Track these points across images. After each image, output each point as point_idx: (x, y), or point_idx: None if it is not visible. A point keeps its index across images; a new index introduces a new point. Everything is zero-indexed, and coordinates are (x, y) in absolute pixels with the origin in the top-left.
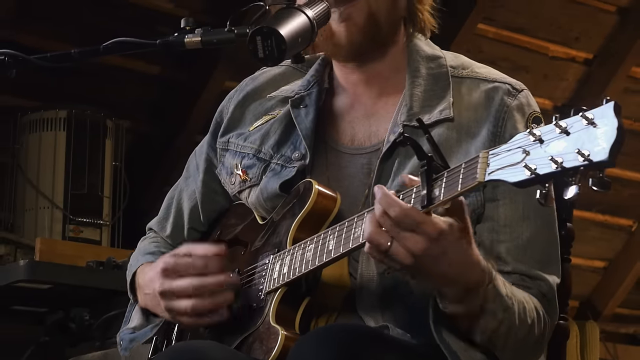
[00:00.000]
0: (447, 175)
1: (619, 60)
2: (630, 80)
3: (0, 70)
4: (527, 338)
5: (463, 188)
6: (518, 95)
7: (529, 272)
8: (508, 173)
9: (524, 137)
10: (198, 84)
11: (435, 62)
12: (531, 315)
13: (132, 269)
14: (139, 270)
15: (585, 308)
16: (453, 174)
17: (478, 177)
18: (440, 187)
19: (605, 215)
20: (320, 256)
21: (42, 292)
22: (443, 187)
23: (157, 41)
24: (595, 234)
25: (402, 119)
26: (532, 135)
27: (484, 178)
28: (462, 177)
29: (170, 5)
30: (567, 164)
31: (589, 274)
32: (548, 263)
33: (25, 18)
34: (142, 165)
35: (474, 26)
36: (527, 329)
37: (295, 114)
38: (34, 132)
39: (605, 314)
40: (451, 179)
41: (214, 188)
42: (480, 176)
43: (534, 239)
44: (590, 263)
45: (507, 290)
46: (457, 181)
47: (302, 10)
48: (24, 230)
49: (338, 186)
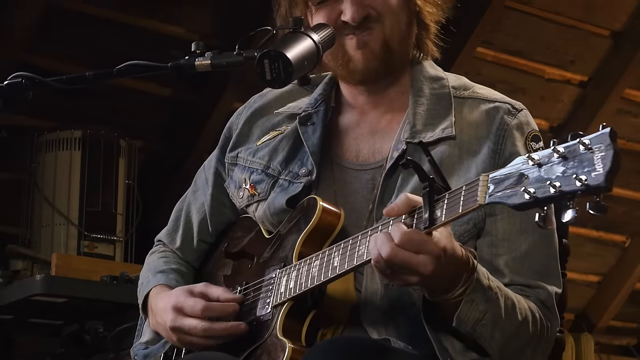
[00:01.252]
0: (449, 197)
1: (612, 82)
2: (623, 102)
3: (17, 92)
4: (517, 335)
5: (464, 210)
6: (518, 114)
7: (527, 282)
8: (508, 196)
9: (523, 161)
10: (208, 105)
11: (438, 83)
12: (523, 314)
13: (144, 289)
14: (152, 293)
15: (580, 321)
16: (454, 196)
17: (479, 200)
18: (442, 208)
19: (600, 232)
20: (325, 272)
21: (58, 305)
22: (445, 208)
23: (169, 64)
24: (589, 250)
25: (405, 136)
26: (531, 160)
27: (485, 201)
28: (463, 199)
29: (182, 29)
30: (565, 188)
31: (584, 288)
32: (546, 274)
33: (43, 42)
34: (154, 183)
35: (473, 49)
36: (517, 326)
37: (303, 130)
38: (50, 152)
39: (600, 326)
40: (452, 200)
41: (222, 201)
42: (480, 199)
43: (532, 252)
44: (585, 278)
45: (492, 284)
46: (458, 203)
47: (308, 34)
48: (40, 246)
49: (344, 202)
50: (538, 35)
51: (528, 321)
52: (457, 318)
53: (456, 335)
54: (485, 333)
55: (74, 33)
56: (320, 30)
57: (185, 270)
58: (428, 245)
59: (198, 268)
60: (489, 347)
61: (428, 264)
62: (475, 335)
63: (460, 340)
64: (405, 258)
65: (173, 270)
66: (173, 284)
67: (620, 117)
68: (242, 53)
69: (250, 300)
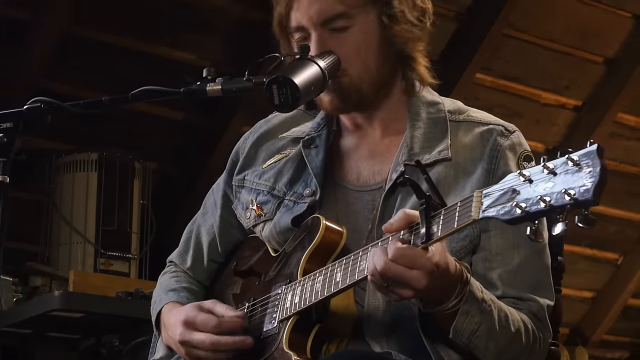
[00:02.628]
0: (445, 213)
1: (605, 107)
2: (616, 126)
3: (37, 116)
4: (511, 346)
5: (459, 225)
6: (510, 135)
7: (519, 295)
8: (500, 211)
9: (514, 177)
10: (218, 129)
11: (435, 107)
12: (515, 325)
13: (157, 306)
14: (164, 310)
15: (574, 335)
16: (449, 211)
17: (473, 215)
18: (438, 224)
19: (593, 250)
20: (328, 287)
21: (76, 320)
22: (441, 224)
23: (181, 89)
24: (584, 267)
25: (403, 158)
26: (522, 176)
27: (478, 216)
28: (458, 215)
29: (193, 56)
30: (555, 202)
31: (578, 304)
32: (538, 287)
33: (61, 68)
34: (167, 203)
35: (473, 75)
36: (511, 337)
37: (307, 153)
38: (68, 173)
39: (593, 340)
40: (448, 216)
41: (230, 222)
42: (474, 214)
43: (524, 265)
44: (579, 293)
45: (485, 296)
46: (453, 218)
47: (314, 61)
48: (58, 263)
49: (346, 221)
50: (534, 62)
51: (521, 332)
52: (454, 329)
53: (452, 346)
54: (480, 344)
55: (91, 60)
56: (326, 56)
57: (196, 288)
58: (421, 260)
59: (208, 286)
60: (483, 358)
61: (421, 279)
62: (471, 346)
63: (456, 352)
64: (399, 272)
65: (184, 288)
66: (184, 301)
67: (613, 140)
68: (252, 79)
69: (257, 315)
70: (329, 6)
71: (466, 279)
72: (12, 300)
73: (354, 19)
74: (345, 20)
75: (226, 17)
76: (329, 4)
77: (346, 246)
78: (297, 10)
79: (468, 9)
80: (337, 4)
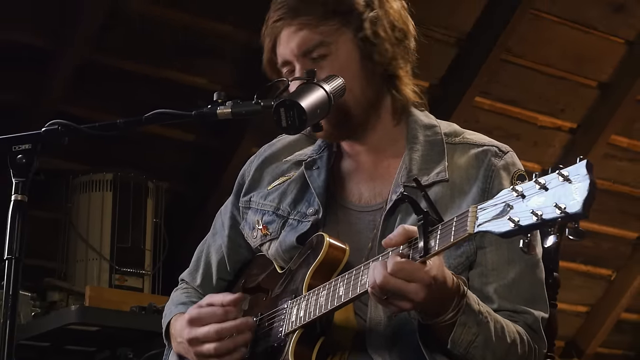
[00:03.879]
0: (441, 228)
1: (599, 129)
2: (609, 147)
3: (54, 138)
4: (507, 357)
5: (455, 239)
6: (504, 156)
7: (514, 308)
8: (494, 225)
9: (508, 192)
10: (229, 150)
11: (432, 130)
12: (511, 336)
13: (167, 319)
14: (172, 320)
15: (570, 347)
16: (446, 226)
17: (468, 229)
18: (435, 238)
19: (588, 266)
20: (331, 301)
21: (91, 333)
22: (438, 238)
23: (193, 112)
24: (578, 283)
25: (402, 180)
26: (515, 191)
27: (474, 230)
28: (454, 230)
29: (204, 80)
30: (546, 216)
31: (573, 318)
32: (533, 301)
33: (78, 92)
34: (179, 221)
35: (472, 99)
36: (507, 347)
37: (309, 174)
38: (84, 192)
39: (588, 352)
40: (445, 231)
41: (238, 242)
42: (470, 228)
43: (519, 280)
44: (574, 308)
45: (482, 308)
46: (449, 233)
47: (320, 85)
48: (75, 279)
49: (349, 240)
50: (531, 86)
51: (517, 344)
52: (452, 340)
53: (451, 357)
54: (477, 355)
55: (107, 85)
56: (331, 80)
57: None
58: (419, 274)
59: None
60: None
61: (419, 292)
62: (468, 357)
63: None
64: (397, 285)
65: (193, 302)
66: None
67: (607, 161)
68: (260, 102)
69: (265, 329)
70: (306, 38)
71: (463, 292)
72: (30, 315)
73: (331, 46)
74: (324, 48)
75: (233, 43)
76: (306, 36)
77: (349, 263)
78: (279, 46)
79: (468, 36)
80: (314, 34)
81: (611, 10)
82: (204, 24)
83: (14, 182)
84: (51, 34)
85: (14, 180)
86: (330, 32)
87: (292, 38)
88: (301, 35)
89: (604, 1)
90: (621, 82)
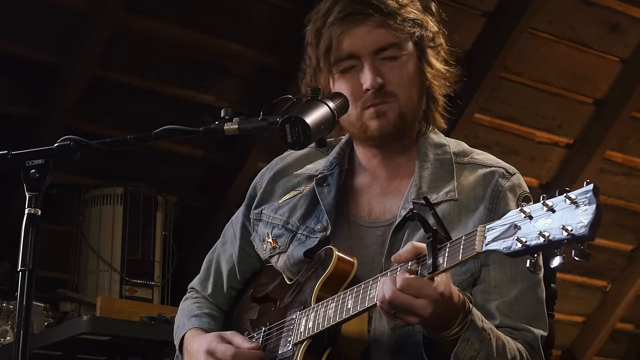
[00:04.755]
0: (450, 246)
1: (595, 144)
2: (605, 162)
3: (66, 154)
4: None
5: (463, 257)
6: (511, 177)
7: (515, 325)
8: (502, 245)
9: (516, 213)
10: (236, 165)
11: (441, 149)
12: (512, 353)
13: (180, 331)
14: (188, 335)
15: (566, 356)
16: (455, 244)
17: (477, 248)
18: (443, 256)
19: (584, 277)
20: (340, 313)
21: (103, 343)
22: (446, 256)
23: (201, 128)
24: (575, 294)
25: (412, 197)
26: (523, 213)
27: (482, 249)
28: (463, 248)
29: (212, 97)
30: (553, 237)
31: (570, 327)
32: (534, 319)
33: (88, 108)
34: (188, 234)
35: (472, 115)
36: None
37: (319, 191)
38: (96, 206)
39: None
40: (453, 249)
41: (248, 252)
42: (478, 247)
43: (521, 298)
44: (570, 318)
45: (485, 325)
46: (458, 251)
47: (324, 102)
48: (86, 290)
49: (358, 254)
50: (529, 103)
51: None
52: (454, 356)
53: None
54: None
55: (117, 101)
56: (335, 98)
57: (217, 314)
58: (427, 290)
59: (227, 311)
60: None
61: (427, 307)
62: None
63: None
64: (405, 301)
65: (206, 314)
66: (206, 326)
67: (602, 176)
68: (266, 119)
69: (273, 339)
70: (382, 36)
71: (468, 309)
72: (43, 325)
73: (402, 50)
74: (396, 50)
75: (242, 62)
76: (382, 35)
77: (357, 276)
78: (347, 39)
79: (467, 54)
80: (389, 34)
81: (606, 30)
82: (212, 43)
83: (28, 196)
84: (62, 51)
85: (28, 194)
86: (404, 38)
87: (368, 34)
88: (378, 32)
89: (600, 21)
90: (616, 99)
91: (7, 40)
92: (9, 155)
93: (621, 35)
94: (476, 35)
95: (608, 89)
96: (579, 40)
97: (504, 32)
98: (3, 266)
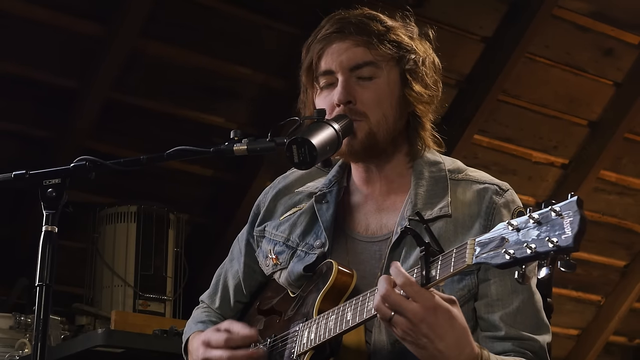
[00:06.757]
0: (442, 259)
1: (590, 165)
2: (599, 182)
3: (82, 173)
4: None
5: (455, 270)
6: (504, 194)
7: (520, 335)
8: (491, 257)
9: (504, 227)
10: (245, 184)
11: (436, 167)
12: None
13: (186, 335)
14: (191, 337)
15: None
16: (446, 257)
17: (467, 261)
18: (436, 268)
19: (579, 292)
20: (340, 325)
21: (117, 355)
22: (438, 268)
23: (211, 149)
24: (570, 308)
25: (407, 213)
26: (511, 225)
27: (472, 261)
28: (454, 261)
29: (221, 119)
30: (540, 249)
31: (566, 340)
32: (537, 326)
33: (104, 130)
34: (199, 250)
35: (471, 136)
36: None
37: (318, 208)
38: (110, 224)
39: None
40: (445, 262)
41: (253, 268)
42: (468, 259)
43: (523, 308)
44: (566, 331)
45: None
46: (449, 264)
47: (330, 123)
48: (101, 304)
49: (357, 269)
50: (526, 125)
51: None
52: None
53: None
54: None
55: (131, 123)
56: (340, 120)
57: None
58: (422, 295)
59: None
60: None
61: (417, 313)
62: None
63: None
64: (398, 300)
65: (212, 322)
66: None
67: (597, 195)
68: (274, 140)
69: (278, 350)
70: (358, 54)
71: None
72: (60, 337)
73: (380, 70)
74: (372, 69)
75: (251, 85)
76: (359, 53)
77: (357, 290)
78: (326, 55)
79: (467, 77)
80: (367, 53)
81: (601, 54)
82: (222, 67)
83: (45, 214)
84: (77, 74)
85: (45, 212)
86: (383, 59)
87: (345, 51)
88: (356, 51)
89: (594, 46)
90: (610, 121)
91: (26, 66)
92: (27, 174)
93: (615, 60)
94: (475, 60)
95: (602, 111)
96: (575, 65)
97: (502, 57)
98: (21, 282)
